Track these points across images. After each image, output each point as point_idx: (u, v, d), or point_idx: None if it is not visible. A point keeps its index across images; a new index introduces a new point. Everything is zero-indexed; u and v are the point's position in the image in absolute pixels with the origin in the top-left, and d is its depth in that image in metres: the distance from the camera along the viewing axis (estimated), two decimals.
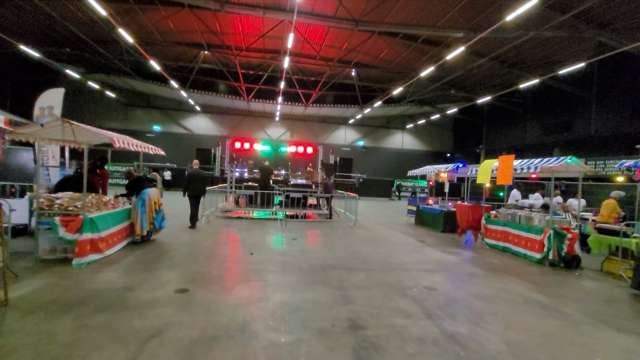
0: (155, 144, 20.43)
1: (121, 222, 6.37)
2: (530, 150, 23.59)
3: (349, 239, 8.44)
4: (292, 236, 8.42)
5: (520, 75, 19.93)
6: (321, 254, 6.77)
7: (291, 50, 16.97)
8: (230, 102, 25.97)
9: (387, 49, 19.79)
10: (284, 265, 5.78)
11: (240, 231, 8.80)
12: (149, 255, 6.03)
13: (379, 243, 8.16)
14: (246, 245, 7.17)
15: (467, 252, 7.62)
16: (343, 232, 9.50)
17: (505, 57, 18.34)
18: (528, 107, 24.03)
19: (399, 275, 5.48)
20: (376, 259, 6.55)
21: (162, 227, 7.23)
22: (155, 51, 20.58)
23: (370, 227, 10.66)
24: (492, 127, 27.72)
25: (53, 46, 19.74)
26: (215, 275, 5.04)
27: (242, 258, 6.15)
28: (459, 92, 23.63)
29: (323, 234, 9.09)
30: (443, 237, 9.31)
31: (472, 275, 5.76)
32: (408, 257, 6.88)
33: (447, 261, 6.71)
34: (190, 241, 7.29)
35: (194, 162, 9.46)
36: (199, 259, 5.89)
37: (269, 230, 9.08)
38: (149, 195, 6.79)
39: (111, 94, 25.59)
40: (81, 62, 22.57)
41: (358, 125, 30.67)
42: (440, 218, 10.25)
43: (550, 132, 22.62)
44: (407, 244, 8.31)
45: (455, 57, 15.15)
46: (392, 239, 8.78)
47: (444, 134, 32.11)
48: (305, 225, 10.33)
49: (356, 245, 7.80)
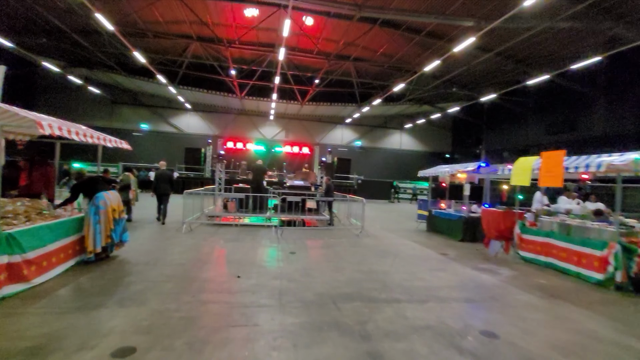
0: (143, 144, 18.31)
1: (65, 237, 4.74)
2: (532, 151, 22.40)
3: (358, 253, 6.91)
4: (290, 249, 6.86)
5: (527, 72, 18.72)
6: (328, 275, 5.22)
7: (287, 44, 15.44)
8: (223, 99, 24.28)
9: (387, 43, 18.41)
10: (282, 295, 4.22)
11: (228, 242, 7.21)
12: (99, 281, 4.42)
13: (395, 257, 6.65)
14: (233, 264, 5.58)
15: (502, 269, 6.15)
16: (349, 242, 7.97)
17: (513, 52, 17.09)
18: (530, 106, 22.87)
19: (436, 310, 3.97)
20: (398, 281, 5.04)
21: (124, 240, 5.60)
22: (141, 43, 18.82)
23: (378, 235, 9.15)
24: (492, 127, 26.54)
25: (27, 36, 17.83)
26: (183, 317, 3.45)
27: (226, 284, 4.57)
28: (461, 90, 22.36)
29: (326, 245, 7.55)
30: (465, 248, 7.85)
31: (530, 307, 4.28)
32: (436, 277, 5.38)
33: (487, 283, 5.23)
34: (161, 258, 5.67)
35: (160, 163, 9.49)
36: (167, 288, 4.29)
37: (262, 241, 7.51)
38: (104, 201, 5.16)
39: (95, 90, 23.67)
40: (61, 55, 20.68)
41: (355, 125, 29.22)
42: (458, 225, 8.79)
43: (553, 132, 21.47)
44: (428, 258, 6.82)
45: (460, 51, 13.84)
46: (408, 252, 7.28)
47: (443, 134, 30.86)
48: (304, 233, 8.77)
49: (369, 261, 6.27)
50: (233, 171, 21.79)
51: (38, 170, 5.27)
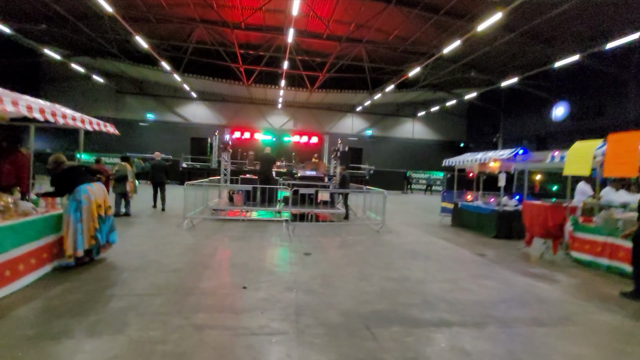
0: (149, 134, 17.27)
1: (36, 239, 3.86)
2: (554, 139, 20.93)
3: (382, 253, 5.93)
4: (304, 248, 5.92)
5: (554, 54, 17.16)
6: (353, 284, 4.27)
7: (295, 26, 14.24)
8: (229, 87, 23.25)
9: (402, 24, 17.03)
10: (299, 314, 3.29)
11: (233, 241, 6.30)
12: (73, 295, 3.54)
13: (427, 259, 5.66)
14: (238, 269, 4.67)
15: (558, 275, 5.11)
16: (369, 240, 6.99)
17: (540, 30, 15.56)
18: (553, 90, 21.25)
19: (502, 339, 2.98)
20: (439, 293, 4.05)
21: (112, 241, 4.72)
22: (143, 28, 17.82)
23: (399, 231, 8.15)
24: (510, 114, 24.96)
25: (27, 22, 16.98)
26: (169, 352, 2.53)
27: (229, 299, 3.66)
28: (480, 74, 20.85)
29: (344, 243, 6.59)
30: (503, 247, 6.79)
31: (620, 333, 3.26)
32: (484, 287, 4.38)
33: (549, 296, 4.20)
34: (155, 261, 4.79)
35: (155, 153, 9.80)
36: (156, 304, 3.39)
37: (272, 239, 6.59)
38: (87, 195, 4.26)
39: (100, 79, 22.86)
40: (63, 43, 19.80)
41: (366, 113, 27.93)
42: (491, 220, 7.73)
43: (579, 118, 19.89)
44: (465, 259, 5.81)
45: (482, 32, 12.54)
46: (439, 252, 6.28)
47: (457, 122, 29.32)
48: (318, 229, 7.81)
49: (397, 264, 5.29)
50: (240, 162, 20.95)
51: (7, 158, 4.39)
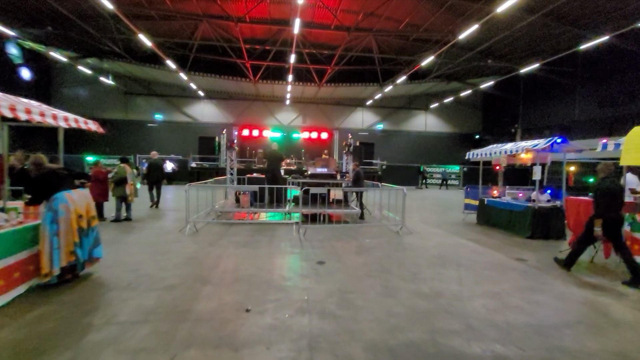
0: (157, 134, 16.67)
1: (6, 255, 3.29)
2: (580, 128, 19.56)
3: (406, 260, 5.18)
4: (317, 255, 5.23)
5: (580, 35, 15.85)
6: (377, 303, 3.54)
7: (301, 17, 13.45)
8: (236, 84, 22.67)
9: (414, 10, 16.04)
10: (313, 349, 2.60)
11: (238, 247, 5.66)
12: (45, 324, 2.94)
13: (458, 267, 4.89)
14: (241, 283, 4.01)
15: (620, 286, 4.25)
16: (389, 243, 6.24)
17: (565, 10, 14.31)
18: (578, 76, 19.83)
19: None
20: (484, 314, 3.30)
21: (96, 256, 4.12)
22: (147, 26, 17.37)
23: (421, 232, 7.36)
24: (530, 103, 23.55)
25: (32, 25, 16.76)
26: None
27: (229, 327, 2.99)
28: (497, 61, 19.61)
29: (362, 248, 5.86)
30: (543, 250, 5.93)
31: None
32: (536, 304, 3.59)
33: (621, 317, 3.37)
34: (148, 276, 4.18)
35: (152, 153, 10.02)
36: (140, 336, 2.76)
37: (281, 244, 5.92)
38: (66, 204, 3.66)
39: (107, 81, 22.65)
40: (69, 45, 19.57)
41: (376, 107, 26.94)
42: (524, 218, 6.86)
43: (607, 105, 18.47)
44: (503, 266, 5.00)
45: (501, 15, 11.54)
46: (470, 256, 5.48)
47: (472, 114, 27.97)
48: (331, 231, 7.10)
49: (425, 273, 4.54)
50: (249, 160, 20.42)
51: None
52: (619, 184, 4.74)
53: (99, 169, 7.61)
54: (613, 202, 4.39)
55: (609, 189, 4.41)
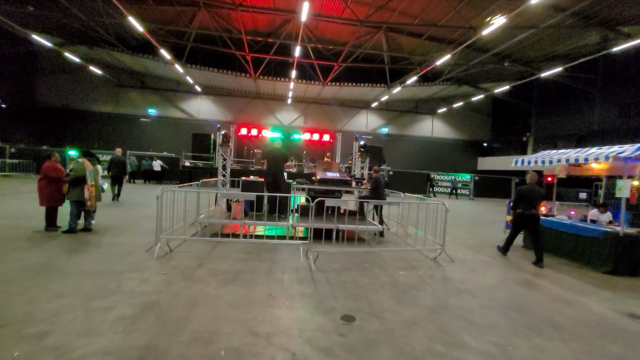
0: (150, 130, 14.34)
1: None
2: (597, 139, 18.07)
3: (474, 315, 3.43)
4: (338, 301, 3.47)
5: (608, 37, 14.40)
6: None
7: (309, 8, 11.80)
8: (235, 80, 20.93)
9: (431, 4, 14.47)
10: None
11: (223, 285, 3.85)
12: None
13: (559, 332, 3.16)
14: None
15: None
16: (432, 279, 4.51)
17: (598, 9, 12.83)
18: (598, 82, 18.41)
19: None
20: None
21: None
22: (140, 11, 15.61)
23: (464, 259, 5.64)
24: (543, 111, 22.10)
25: (11, 3, 14.89)
26: None
27: None
28: (515, 64, 18.10)
29: (398, 288, 4.09)
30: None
31: None
32: None
33: None
34: (51, 355, 2.40)
35: (116, 150, 10.27)
36: None
37: (284, 278, 4.14)
38: None
39: (97, 71, 20.75)
40: (55, 29, 17.71)
41: (382, 110, 25.34)
42: (601, 247, 5.18)
43: (631, 114, 17.05)
44: (619, 331, 3.29)
45: (534, 5, 10.02)
46: (559, 309, 3.75)
47: (480, 120, 26.46)
48: (349, 256, 5.33)
49: (519, 347, 2.80)
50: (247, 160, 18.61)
51: None
52: None
53: (52, 164, 5.81)
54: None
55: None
